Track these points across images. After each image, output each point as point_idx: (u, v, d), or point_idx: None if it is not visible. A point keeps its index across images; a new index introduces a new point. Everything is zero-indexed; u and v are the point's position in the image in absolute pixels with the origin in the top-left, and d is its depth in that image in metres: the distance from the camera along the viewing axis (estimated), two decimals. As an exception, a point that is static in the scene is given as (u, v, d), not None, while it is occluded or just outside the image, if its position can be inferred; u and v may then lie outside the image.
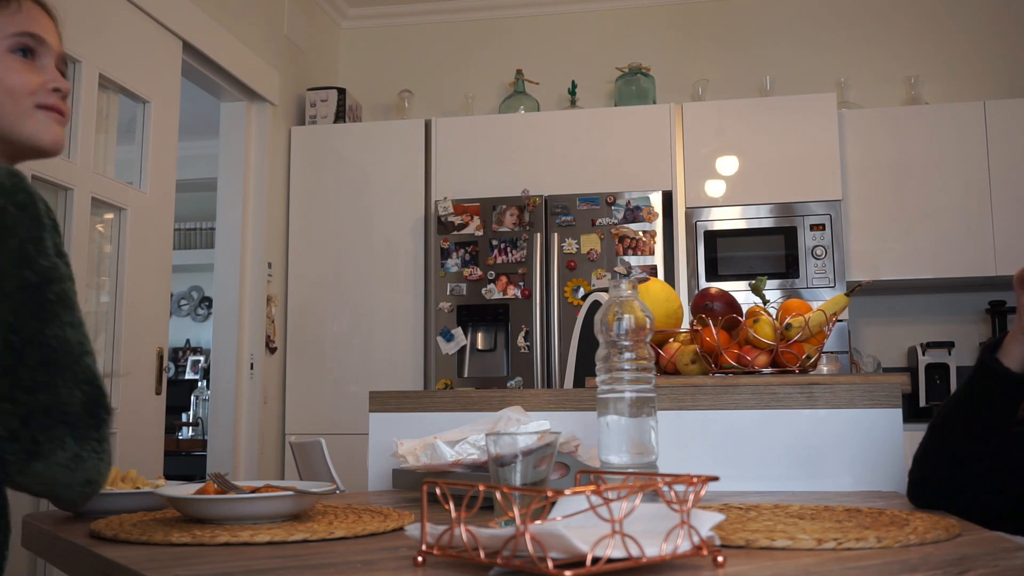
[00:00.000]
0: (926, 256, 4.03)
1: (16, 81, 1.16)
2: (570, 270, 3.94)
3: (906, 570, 0.87)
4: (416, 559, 0.89)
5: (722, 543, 0.96)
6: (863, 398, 1.62)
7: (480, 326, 3.99)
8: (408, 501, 1.50)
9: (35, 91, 1.17)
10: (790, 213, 4.00)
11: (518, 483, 1.08)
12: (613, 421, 1.28)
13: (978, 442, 1.33)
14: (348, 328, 4.20)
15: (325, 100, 4.44)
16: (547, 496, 0.86)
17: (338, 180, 4.31)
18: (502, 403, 1.72)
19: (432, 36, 4.93)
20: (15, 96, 1.15)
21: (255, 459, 3.95)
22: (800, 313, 1.75)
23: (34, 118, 1.17)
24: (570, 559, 0.78)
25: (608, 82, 4.66)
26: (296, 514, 1.23)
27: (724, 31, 4.68)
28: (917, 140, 4.08)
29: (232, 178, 4.09)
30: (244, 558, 0.97)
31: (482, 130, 4.30)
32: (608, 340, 1.30)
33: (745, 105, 4.17)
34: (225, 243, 4.07)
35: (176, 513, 1.28)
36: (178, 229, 5.73)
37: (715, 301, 1.83)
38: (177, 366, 6.91)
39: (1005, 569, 0.88)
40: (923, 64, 4.46)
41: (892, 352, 4.37)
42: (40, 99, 1.17)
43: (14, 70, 1.16)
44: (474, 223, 4.04)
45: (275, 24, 4.31)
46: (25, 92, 1.16)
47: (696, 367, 1.80)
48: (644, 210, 3.94)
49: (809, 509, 1.27)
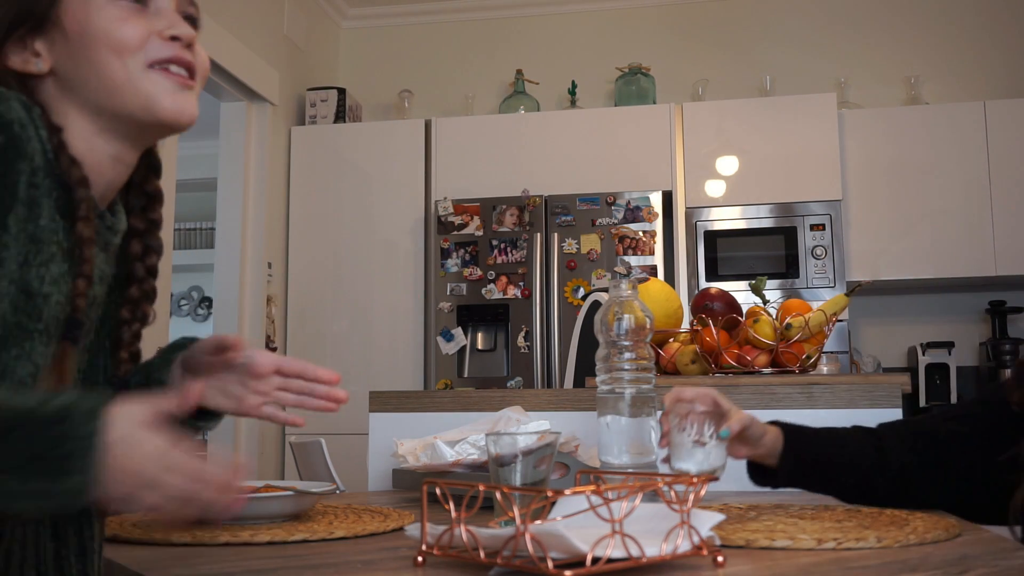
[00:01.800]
0: (926, 256, 4.03)
1: (118, 34, 0.86)
2: (570, 270, 3.94)
3: (906, 570, 0.87)
4: (416, 559, 0.89)
5: (722, 543, 0.96)
6: (863, 398, 1.62)
7: (480, 326, 3.99)
8: (408, 501, 1.50)
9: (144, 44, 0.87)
10: (790, 213, 3.99)
11: (518, 483, 1.08)
12: (613, 421, 1.28)
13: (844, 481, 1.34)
14: (348, 328, 4.20)
15: (325, 100, 4.44)
16: (547, 496, 0.86)
17: (338, 180, 4.31)
18: (502, 403, 1.72)
19: (432, 36, 4.93)
20: (118, 54, 0.86)
21: (255, 459, 3.95)
22: (800, 313, 1.75)
23: (147, 81, 0.87)
24: (570, 559, 0.78)
25: (608, 82, 4.66)
26: (296, 514, 1.23)
27: (724, 31, 4.68)
28: (917, 140, 4.08)
29: (232, 178, 4.09)
30: (244, 558, 0.97)
31: (482, 130, 4.30)
32: (608, 340, 1.30)
33: (745, 105, 4.17)
34: (225, 243, 4.07)
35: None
36: (178, 229, 5.72)
37: (715, 301, 1.83)
38: (177, 366, 6.91)
39: (1005, 569, 0.88)
40: (923, 64, 4.45)
41: (892, 352, 4.37)
42: (153, 54, 0.87)
43: (119, 19, 0.87)
44: (474, 223, 4.04)
45: (275, 24, 4.31)
46: (132, 47, 0.86)
47: (696, 367, 1.80)
48: (644, 210, 3.94)
49: (809, 509, 1.27)
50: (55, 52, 0.87)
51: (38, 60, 0.87)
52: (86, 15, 0.86)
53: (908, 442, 1.34)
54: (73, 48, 0.86)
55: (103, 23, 0.86)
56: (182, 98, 0.90)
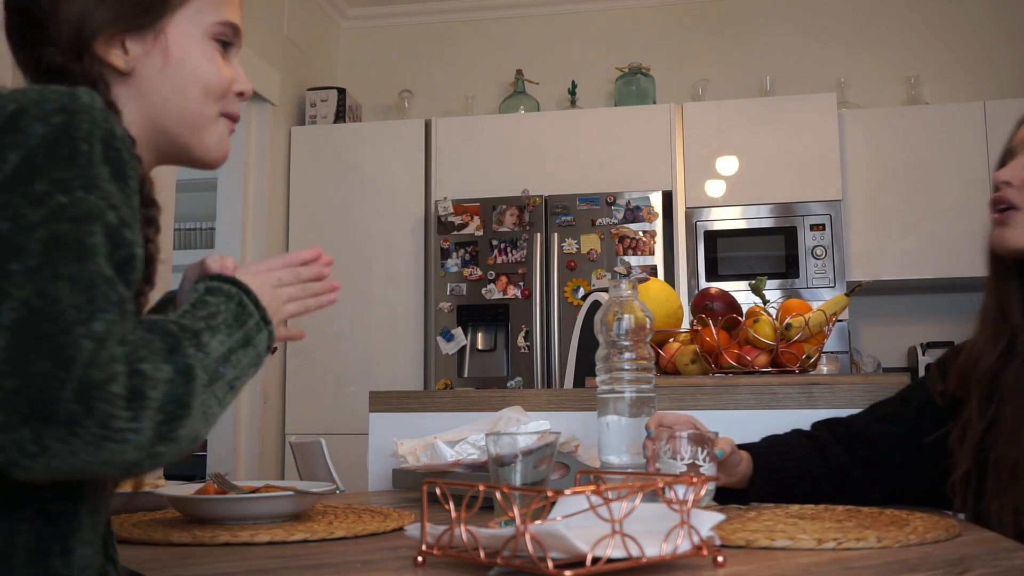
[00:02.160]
0: (926, 256, 4.03)
1: (216, 78, 0.92)
2: (570, 270, 3.94)
3: (906, 570, 0.87)
4: (416, 559, 0.89)
5: (722, 543, 0.96)
6: (863, 398, 1.62)
7: (480, 326, 3.99)
8: (408, 501, 1.50)
9: (227, 93, 0.94)
10: (790, 213, 3.99)
11: (518, 483, 1.08)
12: (613, 421, 1.29)
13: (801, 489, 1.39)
14: (348, 328, 4.20)
15: (325, 100, 4.44)
16: (547, 496, 0.86)
17: (338, 180, 4.31)
18: (502, 403, 1.72)
19: (432, 36, 4.93)
20: (207, 96, 0.92)
21: (255, 459, 3.95)
22: (800, 313, 1.75)
23: (218, 128, 0.94)
24: (570, 559, 0.78)
25: (608, 82, 4.65)
26: (296, 514, 1.23)
27: (724, 31, 4.68)
28: (917, 140, 4.08)
29: (232, 178, 4.09)
30: (244, 558, 0.97)
31: (482, 130, 4.30)
32: (608, 340, 1.30)
33: (745, 105, 4.17)
34: (225, 243, 4.07)
35: (176, 513, 1.28)
36: (178, 229, 5.71)
37: (715, 301, 1.83)
38: (177, 366, 6.91)
39: (1005, 569, 0.88)
40: (923, 64, 4.45)
41: (892, 352, 4.37)
42: (228, 106, 0.95)
43: (214, 61, 0.93)
44: (474, 223, 4.04)
45: (275, 24, 4.31)
46: (219, 92, 0.93)
47: (696, 367, 1.80)
48: (644, 210, 3.94)
49: (809, 509, 1.27)
50: (144, 58, 0.90)
51: (126, 58, 0.89)
52: (189, 42, 0.91)
53: (844, 443, 1.42)
54: (166, 65, 0.90)
55: (202, 59, 0.92)
56: (228, 145, 0.97)
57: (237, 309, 0.83)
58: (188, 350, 0.74)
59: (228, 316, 0.82)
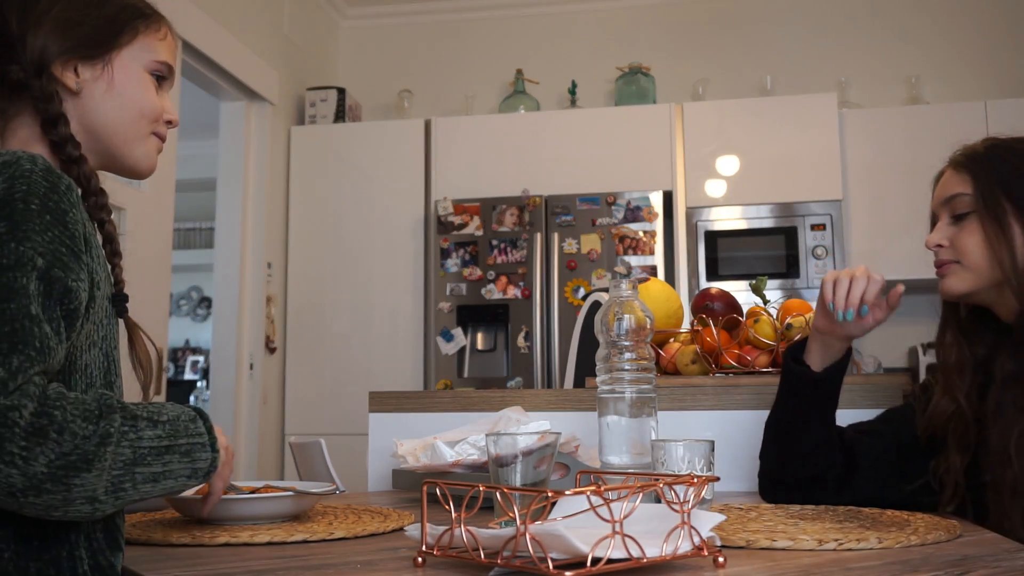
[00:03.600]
0: (926, 256, 3.98)
1: (151, 105, 1.12)
2: (570, 270, 3.93)
3: (907, 571, 0.87)
4: (416, 559, 0.89)
5: (723, 543, 0.96)
6: (864, 398, 1.62)
7: (480, 326, 3.99)
8: (408, 501, 1.50)
9: (159, 118, 1.14)
10: (791, 213, 3.99)
11: (518, 483, 1.08)
12: (613, 421, 1.28)
13: (802, 439, 1.41)
14: (348, 328, 4.20)
15: (325, 100, 4.44)
16: (547, 496, 0.86)
17: (338, 180, 4.31)
18: (502, 403, 1.72)
19: (432, 36, 4.93)
20: (141, 118, 1.11)
21: (255, 459, 3.95)
22: (800, 313, 1.75)
23: (147, 144, 1.13)
24: (570, 559, 0.78)
25: (608, 82, 4.65)
26: (296, 514, 1.23)
27: (724, 31, 4.67)
28: (918, 140, 4.08)
29: (232, 178, 4.09)
30: (244, 558, 0.97)
31: (482, 130, 4.30)
32: (608, 340, 1.30)
33: (745, 105, 4.17)
34: (225, 243, 4.07)
35: (176, 513, 1.28)
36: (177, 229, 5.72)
37: (715, 301, 1.83)
38: (176, 366, 6.92)
39: (1006, 570, 0.88)
40: (924, 64, 4.45)
41: (892, 352, 4.36)
42: (158, 128, 1.14)
43: (149, 90, 1.12)
44: (474, 223, 4.03)
45: (275, 23, 4.31)
46: (151, 117, 1.12)
47: (696, 367, 1.80)
48: (644, 210, 3.94)
49: (810, 509, 1.27)
50: (92, 82, 1.08)
51: (78, 81, 1.06)
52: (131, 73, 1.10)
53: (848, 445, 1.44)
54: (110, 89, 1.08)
55: (139, 88, 1.11)
56: (155, 160, 1.15)
57: (188, 423, 0.95)
58: (115, 423, 0.86)
59: (176, 423, 0.93)
